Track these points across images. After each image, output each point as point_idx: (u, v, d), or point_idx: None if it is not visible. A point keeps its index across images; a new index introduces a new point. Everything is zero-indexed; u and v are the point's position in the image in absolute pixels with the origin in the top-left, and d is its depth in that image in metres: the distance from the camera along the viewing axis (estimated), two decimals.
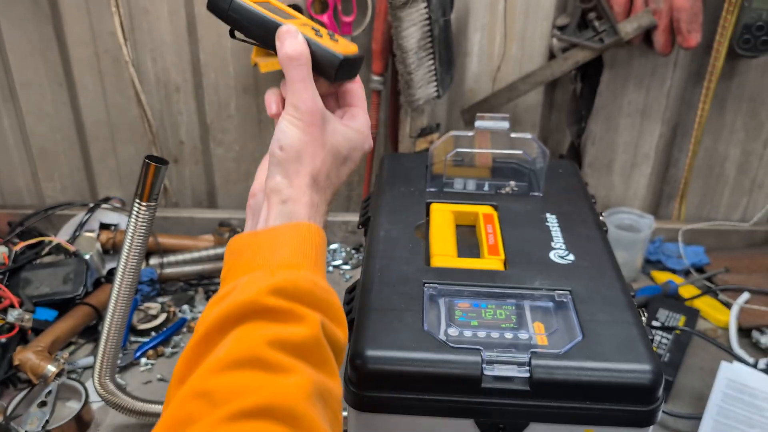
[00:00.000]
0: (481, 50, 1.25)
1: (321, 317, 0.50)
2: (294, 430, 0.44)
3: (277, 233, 0.55)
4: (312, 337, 0.49)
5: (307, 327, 0.49)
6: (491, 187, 0.95)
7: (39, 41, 1.25)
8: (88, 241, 1.22)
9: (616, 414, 0.64)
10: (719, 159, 1.35)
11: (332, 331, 0.52)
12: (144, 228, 0.84)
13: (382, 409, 0.66)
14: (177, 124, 1.33)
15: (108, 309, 0.88)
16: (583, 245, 0.82)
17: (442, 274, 0.76)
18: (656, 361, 0.65)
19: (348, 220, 1.34)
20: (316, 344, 0.49)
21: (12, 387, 1.01)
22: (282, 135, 0.56)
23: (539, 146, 0.93)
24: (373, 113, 1.24)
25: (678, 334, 1.07)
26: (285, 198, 0.56)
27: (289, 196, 0.56)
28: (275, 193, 0.56)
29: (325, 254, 0.57)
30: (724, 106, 1.29)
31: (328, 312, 0.52)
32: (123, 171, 1.38)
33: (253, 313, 0.48)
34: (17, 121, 1.33)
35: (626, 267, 1.22)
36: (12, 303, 1.05)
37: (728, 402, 0.92)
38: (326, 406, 0.48)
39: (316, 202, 0.57)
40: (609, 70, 1.25)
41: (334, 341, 0.52)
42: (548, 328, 0.69)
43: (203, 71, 1.28)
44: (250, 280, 0.50)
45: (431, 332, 0.67)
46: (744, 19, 1.13)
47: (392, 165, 1.01)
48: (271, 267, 0.51)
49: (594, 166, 1.36)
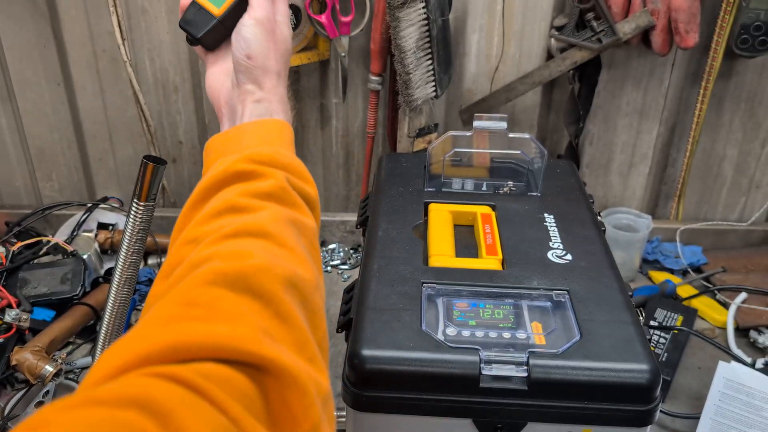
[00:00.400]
0: (479, 50, 1.25)
1: (286, 174, 0.57)
2: (267, 241, 0.50)
3: (244, 128, 0.63)
4: (277, 186, 0.56)
5: (273, 179, 0.56)
6: (489, 187, 0.95)
7: (37, 40, 1.25)
8: (86, 241, 1.22)
9: (614, 413, 0.65)
10: (717, 159, 1.35)
11: (298, 184, 0.58)
12: (142, 228, 0.84)
13: (381, 408, 0.66)
14: (175, 123, 1.33)
15: (106, 309, 0.88)
16: (581, 245, 0.82)
17: (440, 274, 0.76)
18: (654, 361, 0.65)
19: (346, 219, 1.34)
20: (282, 191, 0.56)
21: (9, 387, 1.01)
22: (246, 44, 0.64)
23: (537, 146, 0.93)
24: (372, 113, 1.24)
25: (676, 334, 1.07)
26: (258, 98, 0.64)
27: (261, 96, 0.64)
28: (249, 95, 0.64)
29: (290, 139, 0.64)
30: (721, 106, 1.29)
31: (292, 171, 0.59)
32: (121, 171, 1.38)
33: (225, 180, 0.56)
34: (15, 121, 1.33)
35: (624, 267, 1.22)
36: (10, 303, 1.05)
37: (726, 402, 0.92)
38: (301, 234, 0.55)
39: (283, 97, 0.65)
40: (607, 70, 1.26)
41: (304, 193, 0.59)
42: (546, 328, 0.69)
43: (201, 71, 1.28)
44: (223, 160, 0.58)
45: (429, 332, 0.67)
46: (742, 19, 1.13)
47: (390, 165, 1.02)
48: (240, 150, 0.59)
49: (592, 166, 1.36)
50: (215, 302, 0.45)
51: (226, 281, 0.46)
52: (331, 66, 1.26)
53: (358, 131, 1.33)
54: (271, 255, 0.49)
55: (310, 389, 0.43)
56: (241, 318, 0.44)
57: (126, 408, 0.35)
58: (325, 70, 1.27)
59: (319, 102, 1.30)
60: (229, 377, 0.40)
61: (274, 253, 0.50)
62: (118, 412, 0.35)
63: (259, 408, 0.41)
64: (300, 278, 0.50)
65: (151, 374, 0.38)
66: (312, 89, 1.29)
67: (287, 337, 0.46)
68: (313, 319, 0.50)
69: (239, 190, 0.55)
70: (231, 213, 0.53)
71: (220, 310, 0.44)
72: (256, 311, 0.45)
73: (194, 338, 0.41)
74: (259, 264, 0.47)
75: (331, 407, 0.48)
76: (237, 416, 0.38)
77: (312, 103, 1.30)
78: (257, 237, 0.50)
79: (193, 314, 0.43)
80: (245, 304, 0.45)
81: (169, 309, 0.44)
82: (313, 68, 1.26)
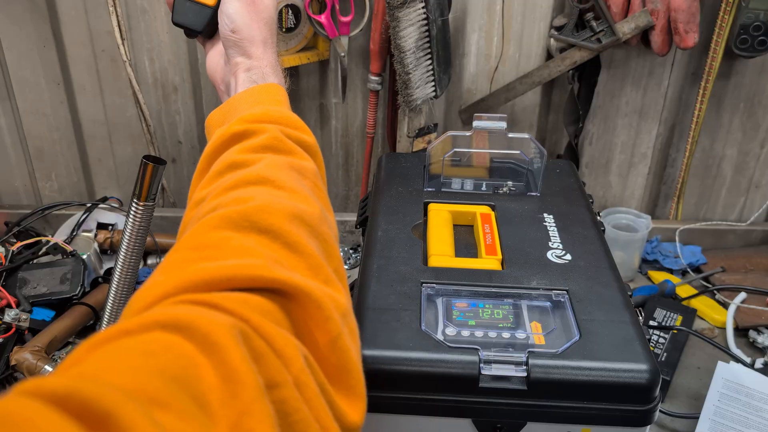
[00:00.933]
0: (478, 50, 1.25)
1: (279, 127, 0.59)
2: (267, 186, 0.52)
3: (237, 98, 0.65)
4: (271, 137, 0.58)
5: (266, 133, 0.58)
6: (489, 187, 0.95)
7: (36, 40, 1.25)
8: (86, 241, 1.22)
9: (613, 413, 0.65)
10: (716, 159, 1.35)
11: (293, 134, 0.60)
12: (142, 228, 0.84)
13: (380, 408, 0.66)
14: (175, 123, 1.33)
15: (106, 309, 0.88)
16: (580, 245, 0.82)
17: (439, 274, 0.76)
18: (653, 361, 0.65)
19: (346, 219, 1.34)
20: (277, 141, 0.58)
21: (9, 387, 1.01)
22: (229, 20, 0.66)
23: (537, 146, 0.93)
24: (371, 113, 1.24)
25: (675, 334, 1.07)
26: (248, 67, 0.66)
27: (251, 65, 0.66)
28: (240, 66, 0.66)
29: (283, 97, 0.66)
30: (721, 106, 1.29)
31: (285, 123, 0.61)
32: (120, 171, 1.38)
33: (223, 144, 0.58)
34: (14, 121, 1.33)
35: (623, 267, 1.22)
36: (9, 303, 1.05)
37: (725, 402, 0.92)
38: (302, 176, 0.57)
39: (273, 62, 0.68)
40: (606, 70, 1.26)
41: (301, 141, 0.60)
42: (545, 328, 0.69)
43: (201, 71, 1.28)
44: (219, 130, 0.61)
45: (429, 332, 0.67)
46: (741, 20, 1.13)
47: (390, 165, 1.02)
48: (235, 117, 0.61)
49: (591, 166, 1.36)
50: (223, 242, 0.46)
51: (231, 223, 0.47)
52: (330, 66, 1.26)
53: (357, 131, 1.33)
54: (271, 196, 0.51)
55: (326, 304, 0.45)
56: (251, 252, 0.46)
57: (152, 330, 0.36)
58: (325, 70, 1.27)
59: (318, 102, 1.30)
60: (247, 299, 0.42)
61: (274, 194, 0.52)
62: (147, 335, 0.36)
63: (282, 322, 0.43)
64: (303, 211, 0.51)
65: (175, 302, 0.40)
66: (311, 89, 1.29)
67: (299, 263, 0.47)
68: (326, 247, 0.52)
69: (236, 149, 0.57)
70: (231, 170, 0.55)
71: (229, 248, 0.46)
72: (264, 245, 0.47)
73: (208, 274, 0.42)
74: (260, 204, 0.49)
75: (352, 321, 0.49)
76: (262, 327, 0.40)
77: (311, 103, 1.30)
78: (256, 184, 0.52)
79: (204, 255, 0.45)
80: (253, 240, 0.47)
81: (180, 254, 0.46)
82: (312, 68, 1.26)
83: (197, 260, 0.44)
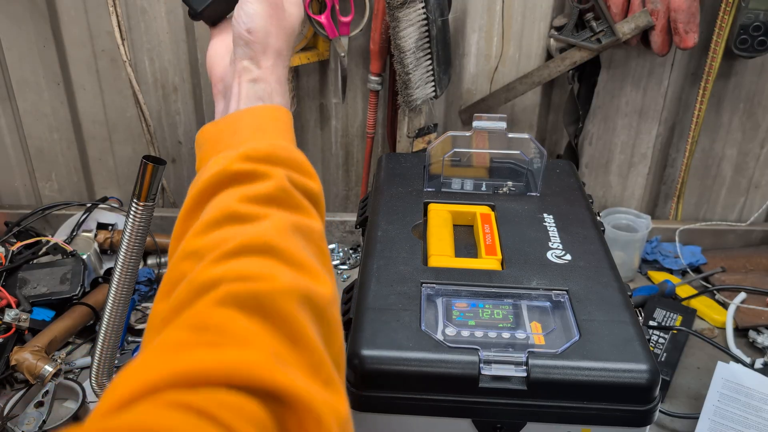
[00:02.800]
0: (478, 51, 1.25)
1: (286, 171, 0.54)
2: (274, 260, 0.48)
3: (239, 117, 0.59)
4: (278, 188, 0.52)
5: (273, 180, 0.52)
6: (489, 187, 0.95)
7: (36, 40, 1.25)
8: (86, 241, 1.22)
9: (613, 413, 0.65)
10: (716, 159, 1.35)
11: (301, 181, 0.55)
12: (141, 228, 0.84)
13: (380, 408, 0.66)
14: (175, 124, 1.33)
15: (105, 309, 0.88)
16: (580, 245, 0.82)
17: (439, 274, 0.76)
18: (653, 361, 0.65)
19: (346, 219, 1.34)
20: (283, 192, 0.53)
21: (9, 387, 1.01)
22: (248, 18, 0.60)
23: (537, 146, 0.93)
24: (371, 113, 1.24)
25: (675, 334, 1.07)
26: (255, 77, 0.60)
27: (258, 75, 0.60)
28: (245, 73, 0.60)
29: (289, 126, 0.60)
30: (721, 106, 1.29)
31: (292, 166, 0.55)
32: (120, 171, 1.38)
33: (222, 182, 0.53)
34: (14, 121, 1.33)
35: (623, 267, 1.22)
36: (9, 303, 1.05)
37: (725, 402, 0.92)
38: (308, 241, 0.52)
39: (282, 78, 0.62)
40: (606, 70, 1.26)
41: (306, 190, 0.55)
42: (545, 328, 0.69)
43: (201, 71, 1.28)
44: (217, 158, 0.55)
45: (429, 332, 0.67)
46: (741, 20, 1.13)
47: (390, 165, 1.02)
48: (235, 146, 0.55)
49: (591, 166, 1.36)
50: (225, 325, 0.43)
51: (236, 302, 0.44)
52: (330, 66, 1.26)
53: (357, 131, 1.33)
54: (280, 273, 0.47)
55: (326, 418, 0.42)
56: (253, 342, 0.43)
57: None
58: (325, 70, 1.27)
59: (318, 102, 1.30)
60: (242, 405, 0.39)
61: (283, 272, 0.48)
62: None
63: None
64: (314, 293, 0.48)
65: (164, 403, 0.37)
66: (311, 89, 1.29)
67: (300, 360, 0.44)
68: (329, 335, 0.48)
69: (238, 195, 0.51)
70: (231, 222, 0.50)
71: (230, 332, 0.43)
72: (267, 333, 0.44)
73: (205, 365, 0.40)
74: (268, 287, 0.46)
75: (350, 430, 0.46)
76: None
77: (311, 103, 1.30)
78: (263, 254, 0.48)
79: (203, 339, 0.42)
80: (257, 326, 0.44)
81: (179, 334, 0.43)
82: (312, 68, 1.26)
83: (195, 345, 0.42)
